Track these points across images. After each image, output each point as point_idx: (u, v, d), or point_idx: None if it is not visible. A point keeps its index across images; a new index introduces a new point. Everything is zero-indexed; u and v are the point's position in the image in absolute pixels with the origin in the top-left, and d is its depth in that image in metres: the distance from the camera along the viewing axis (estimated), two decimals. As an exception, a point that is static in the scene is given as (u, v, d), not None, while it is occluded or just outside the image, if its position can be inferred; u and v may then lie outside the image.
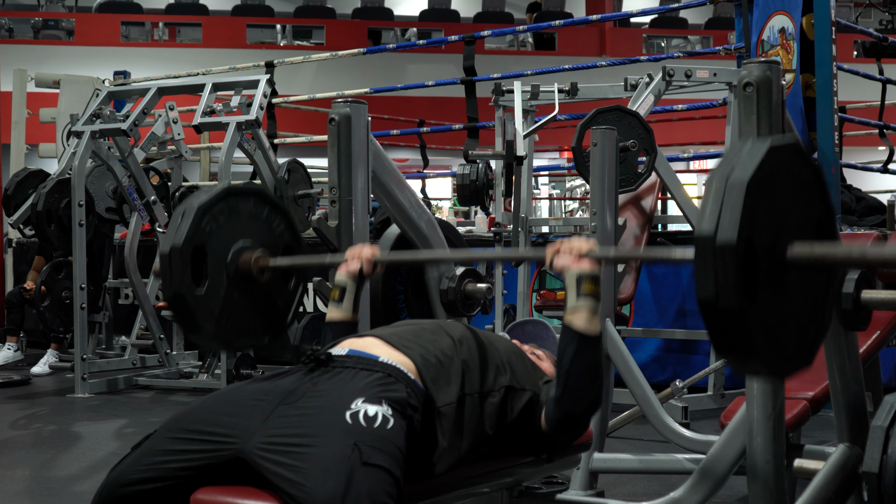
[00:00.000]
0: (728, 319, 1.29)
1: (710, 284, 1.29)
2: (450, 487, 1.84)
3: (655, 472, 2.84)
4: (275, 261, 2.23)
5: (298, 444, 1.58)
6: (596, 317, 1.78)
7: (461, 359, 1.84)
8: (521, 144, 4.00)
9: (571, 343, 1.77)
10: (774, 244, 1.34)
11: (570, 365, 1.77)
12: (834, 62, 4.50)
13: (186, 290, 2.09)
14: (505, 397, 1.87)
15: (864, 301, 1.98)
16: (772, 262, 1.33)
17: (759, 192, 1.31)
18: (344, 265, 2.09)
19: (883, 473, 1.74)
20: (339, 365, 1.76)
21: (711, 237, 1.29)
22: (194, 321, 2.12)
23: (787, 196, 1.38)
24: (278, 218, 2.33)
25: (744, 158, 1.33)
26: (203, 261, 2.14)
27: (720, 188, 1.32)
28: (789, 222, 1.37)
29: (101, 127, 5.27)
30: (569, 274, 1.78)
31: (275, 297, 2.28)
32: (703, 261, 1.30)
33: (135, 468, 1.68)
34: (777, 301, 1.35)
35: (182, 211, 2.16)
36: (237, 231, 2.22)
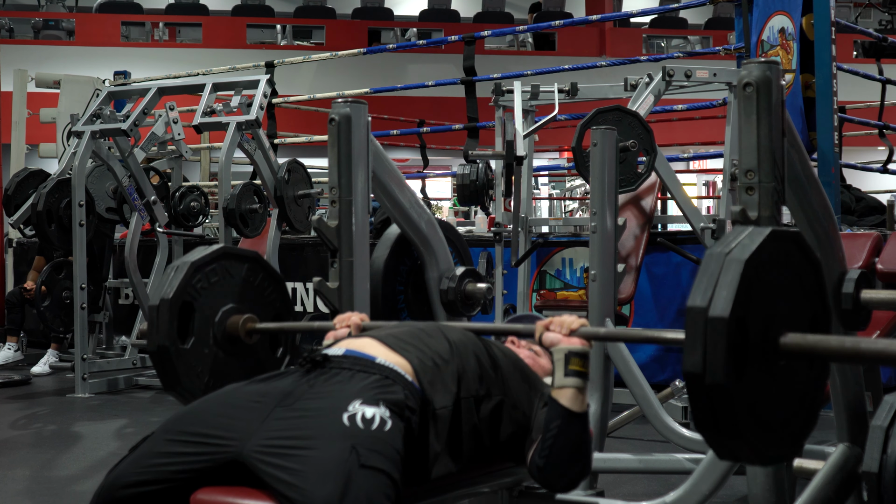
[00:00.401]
0: (713, 395, 1.26)
1: (699, 358, 1.26)
2: (450, 488, 1.84)
3: (655, 472, 2.84)
4: (263, 324, 2.21)
5: (296, 447, 1.57)
6: (583, 395, 1.77)
7: (457, 362, 1.83)
8: (521, 144, 4.00)
9: (556, 419, 1.76)
10: (767, 328, 1.31)
11: (553, 440, 1.77)
12: (834, 62, 4.50)
13: (171, 343, 2.09)
14: (500, 405, 1.86)
15: (864, 301, 1.98)
16: (762, 346, 1.30)
17: (756, 273, 1.29)
18: (332, 332, 2.07)
19: (883, 473, 1.74)
20: (337, 366, 1.75)
21: (704, 310, 1.27)
22: (175, 376, 2.11)
23: (784, 285, 1.35)
24: (272, 286, 2.32)
25: (744, 239, 1.32)
26: (191, 317, 2.14)
27: (718, 264, 1.30)
28: (784, 311, 1.35)
29: (102, 127, 5.27)
30: (557, 350, 1.78)
31: (262, 364, 2.26)
32: (692, 333, 1.27)
33: (132, 471, 1.68)
34: (765, 385, 1.31)
35: (176, 266, 2.15)
36: (228, 293, 2.22)
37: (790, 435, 1.38)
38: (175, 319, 2.10)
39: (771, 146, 1.71)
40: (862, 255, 2.68)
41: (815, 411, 1.42)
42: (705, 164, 12.25)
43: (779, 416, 1.34)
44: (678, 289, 4.96)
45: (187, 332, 2.13)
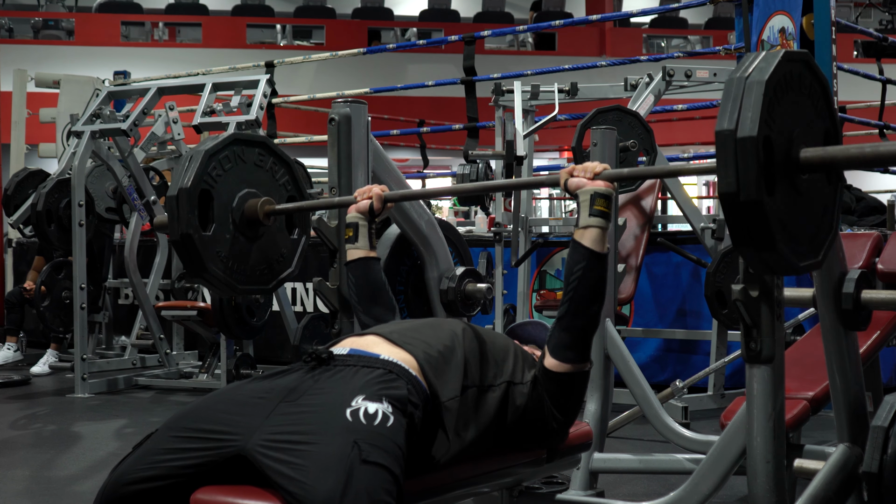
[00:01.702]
0: (749, 211, 1.34)
1: (732, 178, 1.34)
2: (450, 487, 1.84)
3: (655, 472, 2.84)
4: (281, 206, 2.28)
5: (299, 442, 1.58)
6: (605, 236, 1.85)
7: (462, 353, 1.85)
8: (521, 144, 4.00)
9: (581, 261, 1.83)
10: (789, 145, 1.40)
11: (577, 282, 1.83)
12: (834, 62, 4.50)
13: (194, 231, 2.14)
14: (506, 392, 1.88)
15: (864, 301, 1.98)
16: (786, 162, 1.39)
17: (775, 93, 1.37)
18: (353, 205, 2.16)
19: (883, 473, 1.74)
20: (341, 363, 1.76)
21: (732, 132, 1.34)
22: (201, 262, 2.17)
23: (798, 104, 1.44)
24: (282, 169, 2.39)
25: (761, 63, 1.39)
26: (209, 205, 2.19)
27: (739, 88, 1.37)
28: (800, 129, 1.43)
29: (101, 127, 5.27)
30: (583, 192, 1.85)
31: (279, 245, 2.36)
32: (724, 155, 1.35)
33: (137, 467, 1.68)
34: (792, 199, 1.41)
35: (189, 156, 2.19)
36: (243, 179, 2.28)
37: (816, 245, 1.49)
38: (195, 207, 2.15)
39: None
40: (862, 255, 2.68)
41: (834, 223, 1.53)
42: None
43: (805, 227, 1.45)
44: (678, 289, 4.96)
45: (207, 219, 2.19)
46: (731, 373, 4.52)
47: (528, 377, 1.91)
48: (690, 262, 4.68)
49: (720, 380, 4.43)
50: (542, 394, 1.88)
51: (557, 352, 1.87)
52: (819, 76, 1.49)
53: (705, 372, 3.78)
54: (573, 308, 1.84)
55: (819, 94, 1.49)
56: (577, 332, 1.86)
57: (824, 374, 2.13)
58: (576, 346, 1.87)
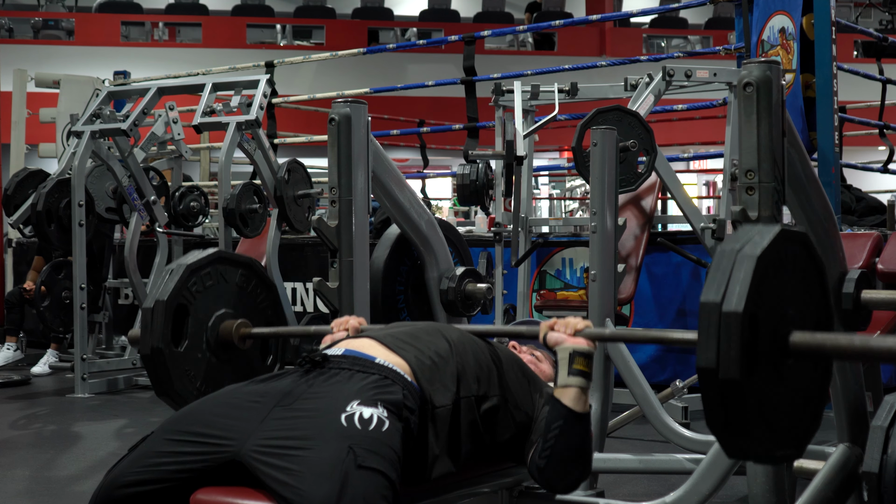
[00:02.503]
0: (726, 390, 1.26)
1: (713, 352, 1.26)
2: (450, 488, 1.84)
3: (655, 472, 2.84)
4: (257, 329, 2.21)
5: (294, 447, 1.57)
6: (585, 396, 1.77)
7: (456, 362, 1.83)
8: (521, 144, 3.99)
9: (558, 420, 1.76)
10: (777, 326, 1.32)
11: (555, 441, 1.76)
12: (834, 62, 4.50)
13: (165, 346, 2.08)
14: (500, 405, 1.86)
15: (864, 301, 1.98)
16: (773, 343, 1.31)
17: (766, 270, 1.30)
18: (329, 336, 2.07)
19: (883, 473, 1.74)
20: (336, 366, 1.75)
21: (717, 305, 1.27)
22: (168, 380, 2.10)
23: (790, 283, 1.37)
24: (264, 293, 2.32)
25: (755, 237, 1.33)
26: (185, 321, 2.13)
27: (730, 261, 1.30)
28: (791, 311, 1.36)
29: (101, 127, 5.27)
30: (561, 349, 1.78)
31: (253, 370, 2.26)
32: (706, 328, 1.27)
33: (131, 470, 1.68)
34: (774, 384, 1.32)
35: (171, 268, 2.15)
36: (222, 298, 2.21)
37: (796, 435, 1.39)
38: (170, 322, 2.09)
39: (771, 146, 1.71)
40: (862, 255, 2.68)
41: (819, 413, 1.43)
42: (705, 164, 12.25)
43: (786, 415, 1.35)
44: (678, 289, 4.96)
45: (181, 336, 2.13)
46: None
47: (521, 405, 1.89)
48: (690, 262, 4.68)
49: (720, 380, 4.42)
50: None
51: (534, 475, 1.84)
52: (815, 258, 1.42)
53: (705, 372, 3.76)
54: (552, 470, 1.79)
55: (813, 276, 1.42)
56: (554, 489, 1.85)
57: (824, 374, 2.13)
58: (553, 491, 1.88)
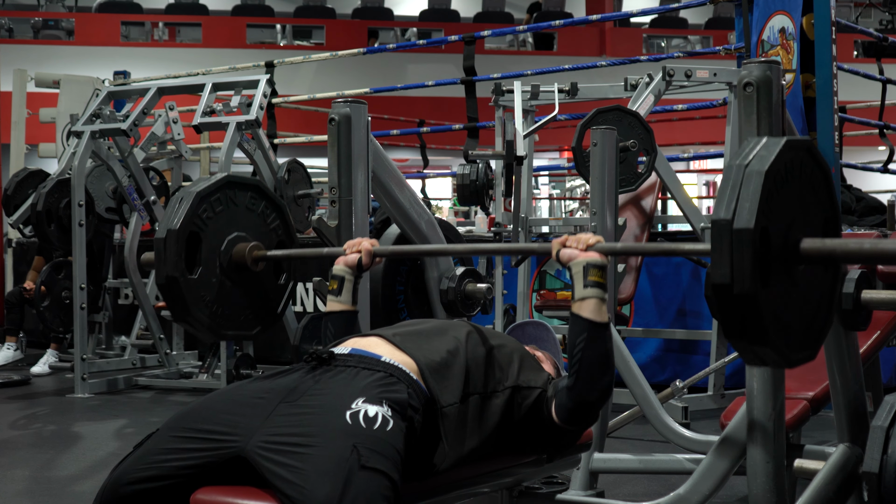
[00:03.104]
0: (742, 304, 1.32)
1: (726, 269, 1.31)
2: (450, 487, 1.84)
3: (655, 472, 2.84)
4: (270, 252, 2.25)
5: (298, 444, 1.58)
6: (604, 306, 1.80)
7: (464, 359, 1.83)
8: (521, 144, 3.99)
9: (581, 333, 1.78)
10: (787, 236, 1.37)
11: (581, 353, 1.78)
12: (834, 62, 4.50)
13: (180, 274, 2.11)
14: (511, 397, 1.87)
15: (864, 301, 1.98)
16: (784, 253, 1.37)
17: (774, 184, 1.35)
18: (342, 257, 2.10)
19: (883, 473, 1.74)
20: (342, 364, 1.76)
21: (729, 222, 1.32)
22: (186, 306, 2.14)
23: (798, 192, 1.41)
24: (274, 213, 2.35)
25: (761, 151, 1.37)
26: (197, 248, 2.16)
27: (738, 177, 1.34)
28: (800, 217, 1.41)
29: (101, 127, 5.27)
30: (575, 264, 1.80)
31: (266, 291, 2.31)
32: (719, 246, 1.33)
33: (137, 467, 1.68)
34: (787, 291, 1.38)
35: (180, 197, 2.17)
36: (233, 222, 2.24)
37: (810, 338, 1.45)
38: (182, 250, 2.12)
39: (771, 146, 1.71)
40: (862, 255, 2.67)
41: (830, 313, 1.49)
42: (705, 164, 12.25)
43: (800, 319, 1.41)
44: (678, 289, 4.96)
45: (195, 262, 2.16)
46: (731, 373, 4.52)
47: (533, 383, 1.90)
48: (690, 262, 4.68)
49: (720, 380, 4.43)
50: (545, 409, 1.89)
51: (561, 413, 1.84)
52: (821, 163, 1.47)
53: (705, 372, 3.76)
54: (582, 382, 1.79)
55: (820, 182, 1.47)
56: (586, 405, 1.82)
57: (824, 374, 2.13)
58: (582, 417, 1.85)
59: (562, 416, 1.84)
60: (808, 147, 1.44)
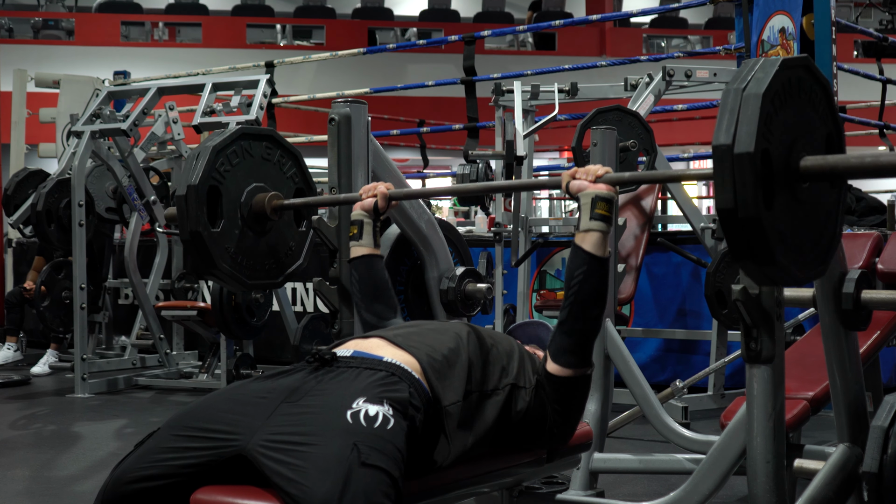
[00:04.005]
0: (747, 227, 1.33)
1: (730, 194, 1.33)
2: (450, 487, 1.84)
3: (655, 472, 2.84)
4: (289, 201, 2.29)
5: (299, 443, 1.58)
6: (606, 240, 1.83)
7: (466, 357, 1.84)
8: (521, 144, 4.00)
9: (581, 265, 1.81)
10: (788, 155, 1.38)
11: (577, 286, 1.81)
12: (834, 62, 4.50)
13: (203, 228, 2.14)
14: (510, 395, 1.87)
15: (864, 301, 1.98)
16: (786, 173, 1.38)
17: (773, 105, 1.35)
18: (359, 202, 2.17)
19: (883, 473, 1.74)
20: (343, 364, 1.76)
21: (729, 147, 1.32)
22: (210, 259, 2.17)
23: (798, 111, 1.42)
24: (290, 162, 2.39)
25: (758, 73, 1.37)
26: (218, 201, 2.20)
27: (736, 101, 1.35)
28: (801, 136, 1.41)
29: (101, 127, 5.27)
30: (584, 195, 1.83)
31: (287, 238, 2.36)
32: (721, 171, 1.34)
33: (138, 465, 1.68)
34: (792, 210, 1.39)
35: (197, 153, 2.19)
36: (250, 173, 2.28)
37: (818, 254, 1.46)
38: (204, 205, 2.15)
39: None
40: (862, 255, 2.68)
41: (838, 229, 1.50)
42: (705, 164, 12.25)
43: (807, 237, 1.43)
44: (678, 289, 4.96)
45: (216, 216, 2.19)
46: (731, 373, 4.52)
47: (532, 380, 1.91)
48: (690, 262, 4.68)
49: (720, 380, 4.43)
50: (545, 397, 1.89)
51: (559, 356, 1.87)
52: (820, 79, 1.47)
53: (705, 372, 3.78)
54: (574, 312, 1.83)
55: (820, 98, 1.47)
56: (579, 336, 1.85)
57: (824, 374, 2.13)
58: (577, 350, 1.87)
59: (554, 355, 1.87)
60: (805, 64, 1.44)
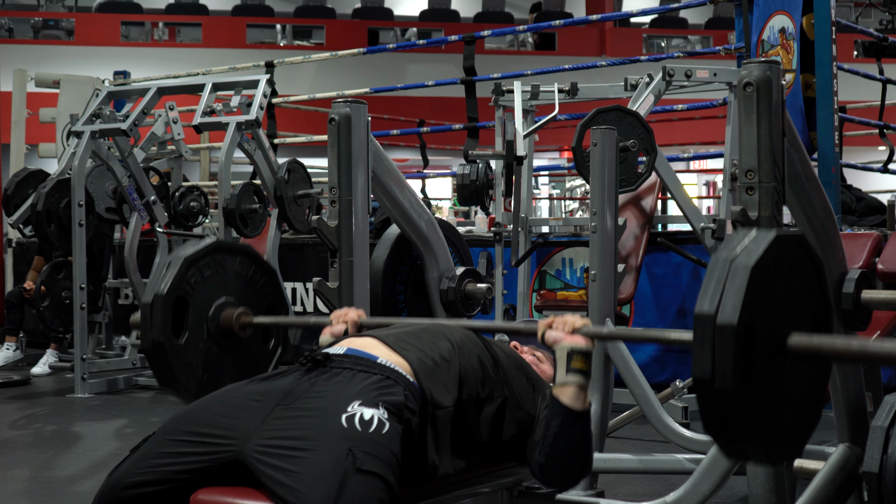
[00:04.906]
0: (722, 400, 1.28)
1: (708, 364, 1.27)
2: (450, 487, 1.84)
3: (655, 472, 2.84)
4: (258, 318, 2.21)
5: (294, 448, 1.58)
6: (584, 393, 1.77)
7: (459, 364, 1.83)
8: (521, 144, 3.99)
9: (557, 417, 1.76)
10: (773, 330, 1.33)
11: (554, 438, 1.76)
12: (834, 62, 4.50)
13: (166, 339, 2.08)
14: (503, 406, 1.86)
15: (864, 301, 1.98)
16: (770, 349, 1.33)
17: (762, 279, 1.31)
18: (328, 327, 2.08)
19: (883, 473, 1.74)
20: (338, 365, 1.75)
21: (712, 317, 1.28)
22: (171, 372, 2.10)
23: (787, 286, 1.37)
24: (264, 278, 2.32)
25: (749, 244, 1.33)
26: (184, 312, 2.13)
27: (724, 270, 1.31)
28: (788, 312, 1.36)
29: (101, 127, 5.27)
30: (559, 348, 1.77)
31: (254, 357, 2.27)
32: (701, 340, 1.29)
33: (134, 471, 1.68)
34: (772, 387, 1.34)
35: (168, 261, 2.14)
36: (221, 286, 2.21)
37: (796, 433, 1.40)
38: (169, 315, 2.09)
39: (771, 146, 1.71)
40: (862, 255, 2.68)
41: (818, 409, 1.44)
42: (705, 164, 12.25)
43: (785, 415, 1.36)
44: (678, 289, 4.96)
45: (181, 328, 2.13)
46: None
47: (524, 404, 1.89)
48: (690, 262, 4.68)
49: (720, 380, 4.42)
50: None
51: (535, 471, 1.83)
52: (813, 257, 1.43)
53: (705, 372, 3.76)
54: (553, 464, 1.78)
55: (812, 276, 1.43)
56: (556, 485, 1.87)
57: (824, 374, 2.12)
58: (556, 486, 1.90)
59: (535, 475, 1.84)
60: (799, 241, 1.40)
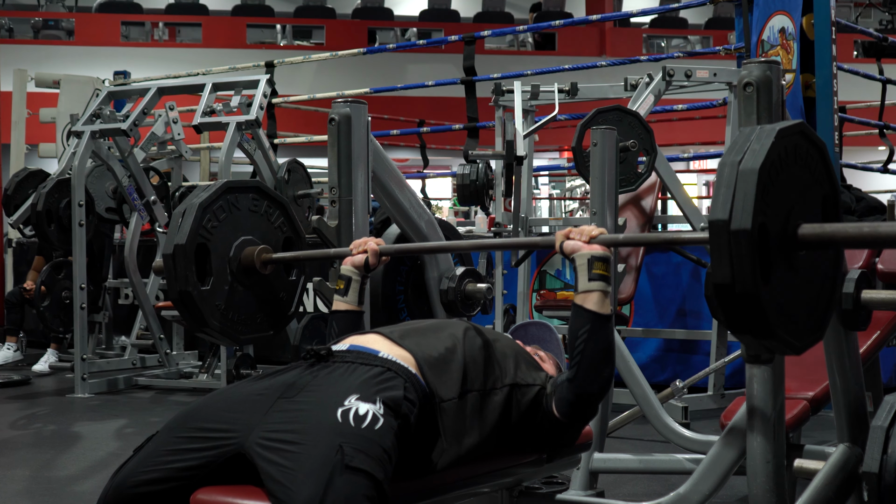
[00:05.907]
0: (745, 303, 1.32)
1: (727, 269, 1.31)
2: (450, 487, 1.84)
3: (655, 472, 2.84)
4: (278, 255, 2.25)
5: (290, 442, 1.59)
6: (608, 298, 1.81)
7: (463, 355, 1.84)
8: (521, 144, 3.99)
9: (584, 325, 1.78)
10: (785, 226, 1.37)
11: (583, 345, 1.78)
12: (834, 62, 4.50)
13: (192, 287, 2.12)
14: (509, 395, 1.87)
15: (864, 301, 1.98)
16: (783, 244, 1.36)
17: (769, 178, 1.34)
18: (349, 257, 2.12)
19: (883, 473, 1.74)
20: (340, 360, 1.77)
21: (726, 223, 1.31)
22: (201, 318, 2.15)
23: (795, 177, 1.40)
24: (277, 211, 2.36)
25: (754, 146, 1.36)
26: (206, 258, 2.17)
27: (732, 175, 1.34)
28: (798, 202, 1.40)
29: (101, 127, 5.27)
30: (579, 256, 1.80)
31: (277, 290, 2.33)
32: (718, 246, 1.32)
33: (140, 469, 1.68)
34: (789, 280, 1.38)
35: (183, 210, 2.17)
36: (238, 226, 2.25)
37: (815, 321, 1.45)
38: (192, 263, 2.13)
39: (771, 146, 1.71)
40: (862, 255, 2.68)
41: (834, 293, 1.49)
42: (705, 164, 12.25)
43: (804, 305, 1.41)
44: (678, 289, 4.96)
45: (205, 273, 2.17)
46: (731, 373, 4.52)
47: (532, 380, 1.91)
48: (690, 262, 4.68)
49: (720, 380, 4.43)
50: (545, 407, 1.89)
51: (562, 406, 1.85)
52: (816, 142, 1.45)
53: (705, 372, 3.77)
54: (583, 372, 1.80)
55: (817, 160, 1.45)
56: (587, 397, 1.83)
57: (824, 374, 2.13)
58: (583, 410, 1.85)
59: (562, 409, 1.85)
60: (800, 130, 1.42)
